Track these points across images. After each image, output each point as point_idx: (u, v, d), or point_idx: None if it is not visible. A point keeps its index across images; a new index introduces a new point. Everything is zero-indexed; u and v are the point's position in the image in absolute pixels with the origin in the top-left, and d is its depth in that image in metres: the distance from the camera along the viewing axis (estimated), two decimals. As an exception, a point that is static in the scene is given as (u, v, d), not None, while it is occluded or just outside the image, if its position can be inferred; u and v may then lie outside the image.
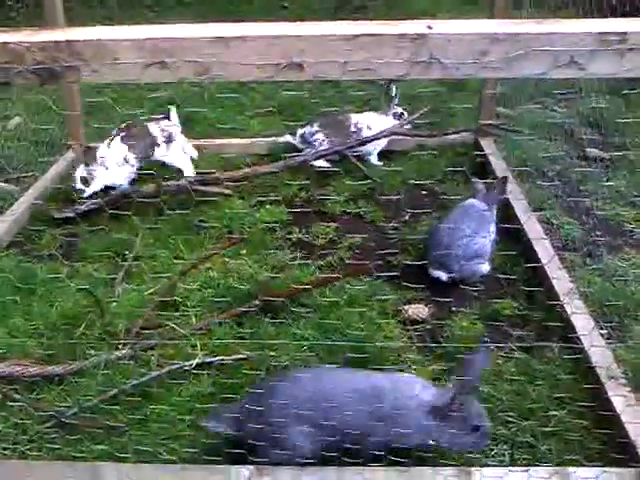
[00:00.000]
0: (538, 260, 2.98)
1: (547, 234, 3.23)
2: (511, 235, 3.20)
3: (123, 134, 3.91)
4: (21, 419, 2.33)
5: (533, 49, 1.39)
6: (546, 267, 2.90)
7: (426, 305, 2.85)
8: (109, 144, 3.90)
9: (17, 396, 2.39)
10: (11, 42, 1.47)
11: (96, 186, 3.81)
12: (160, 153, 4.03)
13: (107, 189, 3.88)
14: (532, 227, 3.18)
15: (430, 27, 1.43)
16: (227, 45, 1.43)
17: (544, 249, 3.07)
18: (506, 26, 1.43)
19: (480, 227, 3.02)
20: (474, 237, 2.96)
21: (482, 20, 1.50)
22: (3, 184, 4.24)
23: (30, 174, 4.31)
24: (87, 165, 3.79)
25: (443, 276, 2.97)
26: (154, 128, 4.04)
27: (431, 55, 1.43)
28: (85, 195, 3.76)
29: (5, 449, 2.23)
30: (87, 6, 8.21)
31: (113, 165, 3.85)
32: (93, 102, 4.95)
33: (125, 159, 3.86)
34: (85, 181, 3.76)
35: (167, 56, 1.44)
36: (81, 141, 4.41)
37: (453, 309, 2.84)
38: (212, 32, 1.44)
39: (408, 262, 3.15)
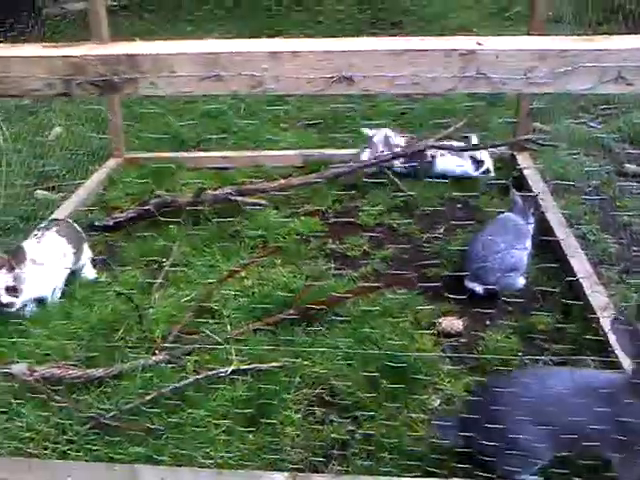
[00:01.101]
0: (574, 275, 2.96)
1: (583, 249, 3.21)
2: (547, 250, 3.19)
3: (56, 227, 3.24)
4: (61, 420, 2.39)
5: (581, 65, 1.41)
6: (582, 282, 2.89)
7: (460, 318, 2.85)
8: (39, 240, 3.15)
9: (58, 397, 2.45)
10: (74, 55, 1.54)
11: (29, 293, 3.00)
12: (87, 254, 3.37)
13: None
14: (568, 242, 3.17)
15: (480, 43, 1.46)
16: (280, 59, 1.47)
17: (580, 264, 3.06)
18: (555, 42, 1.45)
19: (517, 240, 3.02)
20: (510, 250, 2.97)
21: (531, 37, 1.52)
22: (45, 192, 4.36)
23: (71, 183, 4.42)
24: (12, 269, 2.94)
25: (479, 288, 2.96)
26: (78, 227, 3.44)
27: (478, 70, 1.46)
28: (16, 307, 2.96)
29: (46, 448, 2.29)
30: (126, 19, 8.44)
31: (50, 262, 3.09)
32: (145, 112, 5.06)
33: (64, 254, 3.17)
34: (14, 290, 2.93)
35: (222, 69, 1.49)
36: (122, 151, 4.53)
37: (488, 323, 2.84)
38: (266, 47, 1.49)
39: (443, 275, 3.16)
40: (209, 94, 1.54)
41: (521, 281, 3.02)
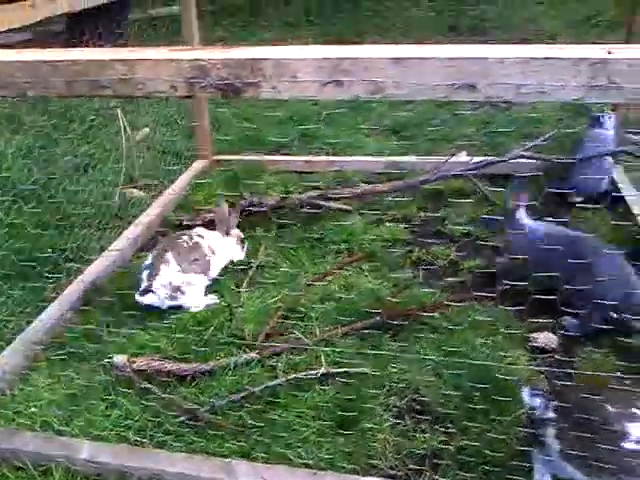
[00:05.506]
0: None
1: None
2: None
3: None
4: (157, 411, 2.46)
5: None
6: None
7: (554, 334, 2.76)
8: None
9: (155, 389, 2.53)
10: (200, 59, 1.60)
11: None
12: None
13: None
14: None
15: (610, 52, 1.42)
16: (404, 66, 1.48)
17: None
18: (693, 51, 1.40)
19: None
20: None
21: (665, 45, 1.47)
22: (134, 190, 4.53)
23: (158, 183, 4.57)
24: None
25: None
26: None
27: (609, 80, 1.42)
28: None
29: (144, 437, 2.37)
30: (205, 26, 8.65)
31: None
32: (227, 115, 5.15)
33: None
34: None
35: (344, 75, 1.51)
36: (209, 153, 4.65)
37: (583, 340, 2.75)
38: (390, 53, 1.50)
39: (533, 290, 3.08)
40: (332, 99, 1.55)
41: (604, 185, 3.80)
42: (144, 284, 3.05)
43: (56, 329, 2.99)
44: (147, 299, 3.04)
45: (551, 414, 1.97)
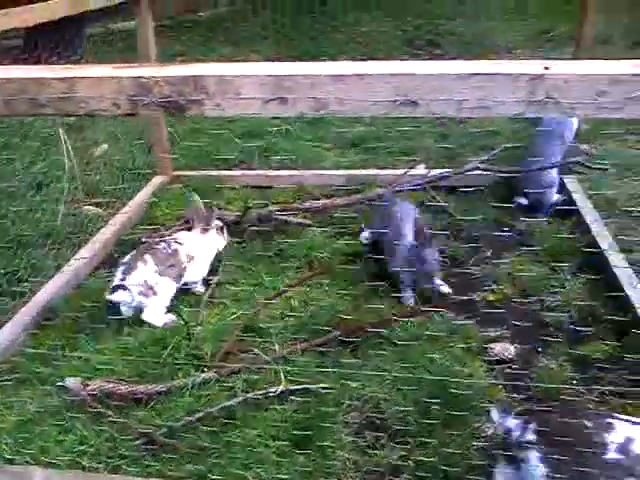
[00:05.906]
0: (629, 303, 2.88)
1: (637, 277, 3.12)
2: (600, 276, 3.11)
3: None
4: (113, 435, 2.40)
5: (657, 89, 1.38)
6: (638, 310, 2.81)
7: (512, 344, 2.79)
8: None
9: (110, 412, 2.47)
10: (141, 76, 1.57)
11: None
12: None
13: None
14: (622, 270, 3.09)
15: (547, 67, 1.45)
16: (346, 82, 1.48)
17: (635, 292, 2.97)
18: (626, 67, 1.43)
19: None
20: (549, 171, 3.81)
21: (601, 60, 1.50)
22: (92, 207, 4.44)
23: (116, 199, 4.49)
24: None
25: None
26: None
27: (547, 95, 1.44)
28: None
29: (99, 462, 2.30)
30: (165, 40, 8.59)
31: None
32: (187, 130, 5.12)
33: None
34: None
35: (287, 92, 1.50)
36: (168, 169, 4.60)
37: (540, 349, 2.78)
38: (331, 70, 1.49)
39: (491, 299, 3.12)
40: (277, 116, 1.54)
41: (555, 197, 3.87)
42: (117, 280, 3.05)
43: (8, 353, 2.90)
44: (117, 296, 3.02)
45: (532, 436, 1.88)
